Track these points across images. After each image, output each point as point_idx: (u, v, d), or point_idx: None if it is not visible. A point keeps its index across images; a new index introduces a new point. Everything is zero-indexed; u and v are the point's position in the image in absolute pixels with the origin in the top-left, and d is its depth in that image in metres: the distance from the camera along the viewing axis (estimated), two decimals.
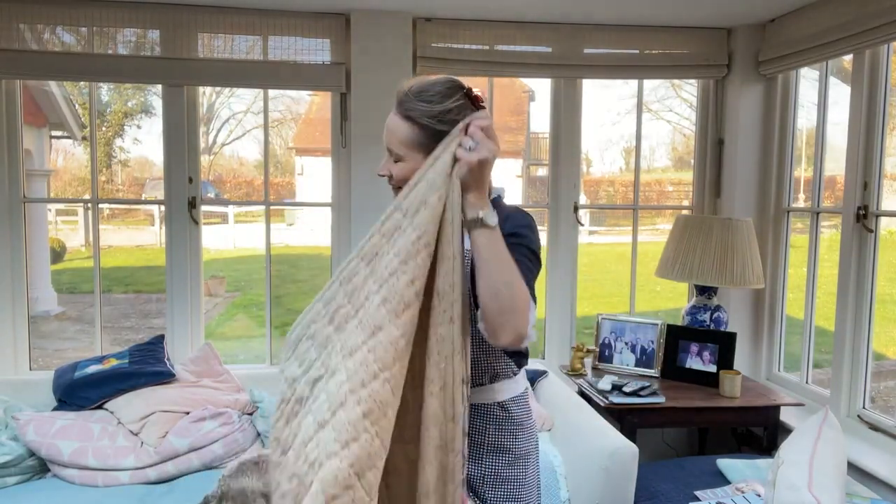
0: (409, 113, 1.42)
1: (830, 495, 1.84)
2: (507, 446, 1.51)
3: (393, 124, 1.45)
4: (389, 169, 1.47)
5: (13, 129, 3.09)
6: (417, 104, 1.41)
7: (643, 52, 3.33)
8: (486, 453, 1.50)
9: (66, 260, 11.85)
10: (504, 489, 1.50)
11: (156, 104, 15.71)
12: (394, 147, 1.45)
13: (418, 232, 1.24)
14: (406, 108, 1.42)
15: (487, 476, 1.49)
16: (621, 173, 17.65)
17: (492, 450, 1.50)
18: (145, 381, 2.83)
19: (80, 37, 3.02)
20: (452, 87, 1.43)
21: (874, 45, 2.63)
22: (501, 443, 1.50)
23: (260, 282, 9.01)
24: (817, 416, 2.15)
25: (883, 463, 2.52)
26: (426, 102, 1.41)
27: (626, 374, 3.16)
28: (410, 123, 1.42)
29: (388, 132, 1.46)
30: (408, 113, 1.42)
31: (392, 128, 1.45)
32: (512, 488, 1.50)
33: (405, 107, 1.43)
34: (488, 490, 1.49)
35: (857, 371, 2.78)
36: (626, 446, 2.40)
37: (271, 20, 3.07)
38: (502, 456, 1.50)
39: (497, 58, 3.26)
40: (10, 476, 2.55)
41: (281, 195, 16.72)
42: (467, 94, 1.42)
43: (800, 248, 3.52)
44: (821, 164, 3.09)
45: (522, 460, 1.53)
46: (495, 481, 1.49)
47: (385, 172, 1.49)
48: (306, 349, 1.40)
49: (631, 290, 3.65)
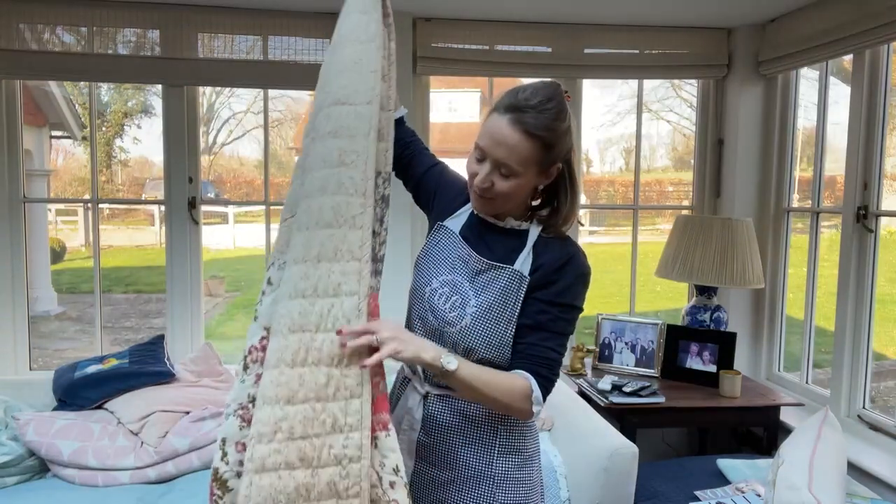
0: (533, 130, 1.35)
1: (830, 495, 1.84)
2: (518, 447, 1.49)
3: (512, 139, 1.35)
4: (494, 183, 1.38)
5: (13, 129, 3.09)
6: (540, 119, 1.35)
7: (643, 52, 3.33)
8: (498, 455, 1.47)
9: (66, 260, 11.85)
10: (516, 491, 1.47)
11: (156, 104, 15.70)
12: (512, 164, 1.36)
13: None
14: (526, 122, 1.35)
15: (499, 478, 1.46)
16: (621, 173, 17.64)
17: (503, 451, 1.47)
18: (145, 381, 2.82)
19: (80, 37, 3.02)
20: (562, 97, 1.39)
21: (874, 45, 2.63)
22: (513, 444, 1.48)
23: (260, 282, 8.98)
24: (817, 416, 2.15)
25: (883, 463, 2.52)
26: (550, 119, 1.36)
27: (626, 374, 3.16)
28: (533, 140, 1.35)
29: (505, 147, 1.35)
30: (532, 130, 1.35)
31: (511, 143, 1.35)
32: (524, 490, 1.48)
33: (526, 120, 1.35)
34: (499, 492, 1.45)
35: (857, 371, 2.78)
36: (626, 446, 2.40)
37: (271, 20, 3.07)
38: (514, 457, 1.48)
39: (497, 58, 3.25)
40: (10, 476, 2.55)
41: (281, 195, 16.64)
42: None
43: (800, 248, 3.52)
44: (821, 164, 3.09)
45: (531, 461, 1.52)
46: (506, 484, 1.46)
47: (488, 186, 1.39)
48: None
49: (631, 290, 3.65)
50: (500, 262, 1.44)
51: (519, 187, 1.39)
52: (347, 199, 1.30)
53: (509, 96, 1.38)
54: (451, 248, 1.52)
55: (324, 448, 1.22)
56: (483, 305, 1.42)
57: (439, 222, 1.57)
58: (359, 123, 1.32)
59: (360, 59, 1.35)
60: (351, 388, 1.25)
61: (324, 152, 1.32)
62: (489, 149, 1.37)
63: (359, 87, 1.34)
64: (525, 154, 1.36)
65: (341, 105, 1.33)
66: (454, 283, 1.47)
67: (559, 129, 1.37)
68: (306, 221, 1.30)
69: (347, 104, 1.33)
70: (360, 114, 1.33)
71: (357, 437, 1.24)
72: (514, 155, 1.35)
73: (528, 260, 1.44)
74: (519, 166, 1.36)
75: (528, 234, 1.47)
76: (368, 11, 1.38)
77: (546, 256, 1.43)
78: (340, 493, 1.23)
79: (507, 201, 1.42)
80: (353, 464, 1.24)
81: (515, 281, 1.42)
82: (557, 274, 1.41)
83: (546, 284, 1.41)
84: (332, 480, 1.22)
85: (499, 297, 1.42)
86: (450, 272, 1.49)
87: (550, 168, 1.42)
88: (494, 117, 1.38)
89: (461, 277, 1.47)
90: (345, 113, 1.32)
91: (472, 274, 1.47)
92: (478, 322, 1.42)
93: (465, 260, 1.48)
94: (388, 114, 1.46)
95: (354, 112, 1.33)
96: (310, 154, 1.35)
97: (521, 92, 1.38)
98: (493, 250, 1.47)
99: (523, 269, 1.43)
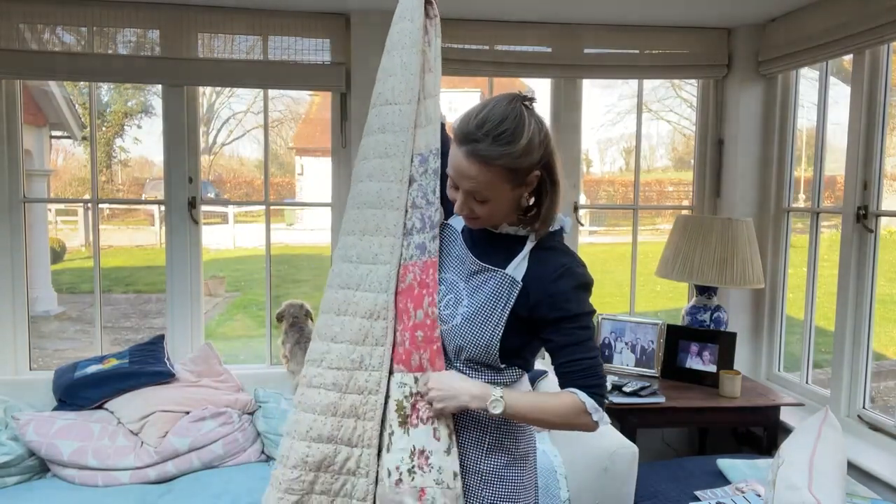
0: (489, 161, 1.34)
1: (830, 495, 1.84)
2: (508, 446, 1.50)
3: (472, 171, 1.36)
4: (473, 209, 1.41)
5: (13, 129, 3.09)
6: (493, 147, 1.34)
7: (643, 52, 3.33)
8: (486, 452, 1.49)
9: (66, 260, 11.83)
10: (502, 489, 1.49)
11: (156, 104, 15.68)
12: (481, 191, 1.38)
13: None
14: (480, 153, 1.35)
15: (486, 475, 1.49)
16: (621, 173, 17.62)
17: (492, 449, 1.49)
18: (145, 380, 2.83)
19: (80, 37, 3.02)
20: (518, 112, 1.36)
21: (874, 45, 2.63)
22: (502, 442, 1.50)
23: (260, 282, 9.00)
24: (817, 416, 2.15)
25: (883, 463, 2.52)
26: (504, 144, 1.34)
27: (626, 374, 3.16)
28: (493, 168, 1.35)
29: (469, 179, 1.37)
30: (488, 161, 1.35)
31: (473, 174, 1.36)
32: (510, 489, 1.50)
33: (480, 152, 1.35)
34: (486, 489, 1.48)
35: (857, 371, 2.78)
36: (626, 446, 2.40)
37: (271, 20, 3.07)
38: (502, 456, 1.50)
39: (497, 58, 3.25)
40: (10, 476, 2.55)
41: (281, 195, 16.70)
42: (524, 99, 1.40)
43: (800, 248, 3.52)
44: (821, 164, 3.09)
45: (521, 461, 1.53)
46: (494, 481, 1.49)
47: (468, 213, 1.43)
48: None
49: (631, 290, 3.65)
50: (493, 266, 1.46)
51: (497, 207, 1.41)
52: (388, 185, 1.55)
53: (461, 124, 1.39)
54: (452, 247, 1.55)
55: (352, 379, 1.53)
56: (473, 307, 1.45)
57: (445, 220, 1.61)
58: (401, 120, 1.56)
59: (405, 64, 1.56)
60: (377, 337, 1.53)
61: (374, 144, 1.58)
62: (457, 180, 1.41)
63: (403, 88, 1.56)
64: (491, 181, 1.37)
65: (389, 105, 1.57)
66: (451, 281, 1.51)
67: (517, 150, 1.35)
68: (357, 201, 1.59)
69: (393, 104, 1.57)
70: (402, 112, 1.56)
71: (377, 376, 1.53)
72: (481, 184, 1.37)
73: (522, 265, 1.45)
74: (488, 192, 1.38)
75: (526, 240, 1.48)
76: (414, 19, 1.58)
77: (541, 269, 1.44)
78: (360, 415, 1.52)
79: (493, 219, 1.45)
80: (372, 395, 1.52)
81: (506, 285, 1.43)
82: (555, 287, 1.41)
83: (549, 303, 1.42)
84: (354, 405, 1.53)
85: (488, 299, 1.44)
86: (448, 270, 1.53)
87: (526, 178, 1.41)
88: (453, 149, 1.39)
89: (458, 277, 1.51)
90: (391, 112, 1.57)
91: (467, 274, 1.50)
92: (467, 322, 1.45)
93: (462, 260, 1.52)
94: (434, 99, 1.60)
95: (399, 110, 1.56)
96: (364, 146, 1.62)
97: (472, 118, 1.37)
98: (490, 253, 1.49)
99: (516, 274, 1.44)
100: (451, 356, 1.49)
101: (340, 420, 1.52)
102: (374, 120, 1.60)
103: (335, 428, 1.52)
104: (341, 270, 1.59)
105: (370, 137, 1.60)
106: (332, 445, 1.52)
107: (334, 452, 1.52)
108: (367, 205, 1.57)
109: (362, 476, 1.53)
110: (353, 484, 1.53)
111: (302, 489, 1.51)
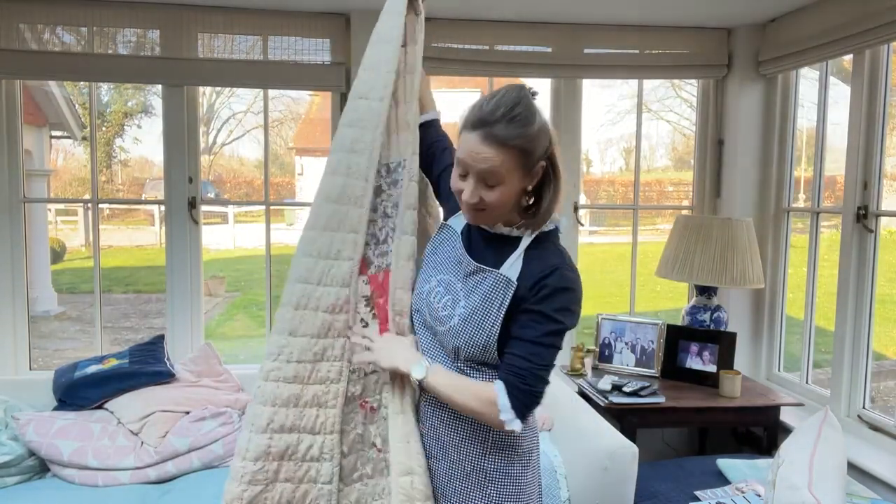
0: (506, 141, 1.36)
1: (830, 495, 1.84)
2: (510, 443, 1.51)
3: (489, 154, 1.36)
4: (482, 196, 1.40)
5: (13, 129, 3.09)
6: (510, 128, 1.36)
7: (643, 52, 3.33)
8: (490, 449, 1.50)
9: (66, 260, 11.83)
10: (506, 486, 1.49)
11: (156, 104, 15.68)
12: (496, 173, 1.38)
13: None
14: (497, 135, 1.36)
15: (490, 473, 1.49)
16: (621, 173, 17.64)
17: (494, 446, 1.50)
18: (145, 380, 2.82)
19: (80, 37, 3.02)
20: (528, 98, 1.39)
21: (874, 45, 2.63)
22: (504, 439, 1.50)
23: (260, 282, 9.01)
24: (817, 416, 2.15)
25: (883, 463, 2.52)
26: (519, 126, 1.36)
27: (626, 374, 3.16)
28: (509, 150, 1.36)
29: (485, 161, 1.37)
30: (505, 141, 1.36)
31: (490, 157, 1.36)
32: (513, 486, 1.50)
33: (496, 133, 1.36)
34: (490, 487, 1.49)
35: (857, 371, 2.78)
36: (625, 446, 2.40)
37: (271, 20, 3.07)
38: (505, 453, 1.50)
39: (497, 58, 3.25)
40: (10, 476, 2.55)
41: (281, 195, 16.71)
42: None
43: (800, 248, 3.52)
44: (821, 164, 3.09)
45: (524, 458, 1.53)
46: (497, 478, 1.49)
47: (476, 202, 1.41)
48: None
49: (631, 290, 3.65)
50: (488, 266, 1.46)
51: (507, 194, 1.41)
52: (353, 182, 1.54)
53: (474, 111, 1.39)
54: (450, 248, 1.56)
55: (314, 371, 1.55)
56: (469, 307, 1.45)
57: (444, 221, 1.61)
58: (370, 116, 1.54)
59: (381, 58, 1.55)
60: (339, 330, 1.56)
61: (340, 138, 1.56)
62: (470, 164, 1.39)
63: (376, 83, 1.55)
64: (507, 164, 1.38)
65: (361, 99, 1.56)
66: (449, 282, 1.51)
67: (531, 132, 1.38)
68: (322, 195, 1.56)
69: (365, 98, 1.55)
70: (372, 108, 1.55)
71: (339, 366, 1.56)
72: (496, 165, 1.37)
73: (516, 265, 1.45)
74: (501, 174, 1.38)
75: (520, 241, 1.48)
76: (400, 13, 1.57)
77: (532, 266, 1.44)
78: (322, 403, 1.55)
79: (499, 209, 1.44)
80: (333, 384, 1.56)
81: (501, 285, 1.43)
82: (537, 285, 1.41)
83: (527, 296, 1.42)
84: (317, 394, 1.55)
85: (484, 300, 1.44)
86: (447, 272, 1.53)
87: (534, 168, 1.43)
88: (465, 135, 1.39)
89: (455, 278, 1.51)
90: (362, 106, 1.55)
91: (464, 275, 1.50)
92: (464, 323, 1.45)
93: (460, 260, 1.52)
94: (412, 104, 1.61)
95: (368, 106, 1.55)
96: (334, 138, 1.59)
97: (484, 105, 1.38)
98: (486, 253, 1.50)
99: (510, 274, 1.44)
100: (451, 356, 1.49)
101: (302, 410, 1.53)
102: (347, 113, 1.58)
103: (297, 418, 1.53)
104: (301, 264, 1.56)
105: (339, 130, 1.58)
106: (294, 435, 1.52)
107: (297, 441, 1.53)
108: (330, 199, 1.54)
109: (326, 461, 1.54)
110: (318, 469, 1.54)
111: (266, 479, 1.51)
